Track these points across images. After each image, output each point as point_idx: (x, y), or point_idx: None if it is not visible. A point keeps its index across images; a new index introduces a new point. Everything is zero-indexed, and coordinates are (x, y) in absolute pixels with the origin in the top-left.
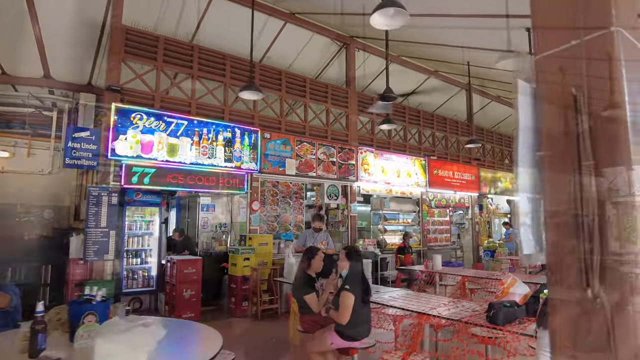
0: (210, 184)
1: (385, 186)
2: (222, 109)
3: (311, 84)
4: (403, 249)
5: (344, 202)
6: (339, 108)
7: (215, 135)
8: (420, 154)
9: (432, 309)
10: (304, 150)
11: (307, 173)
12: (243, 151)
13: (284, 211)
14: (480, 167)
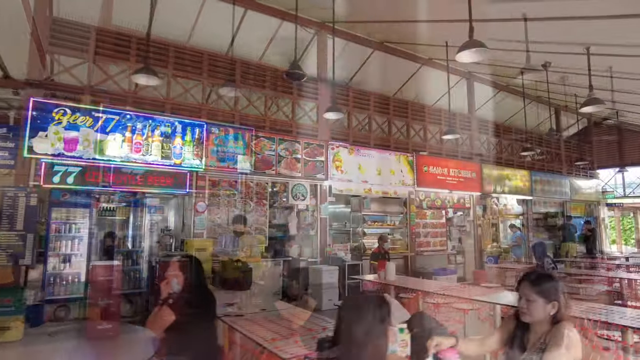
0: (144, 183)
1: (362, 185)
2: (163, 103)
3: (273, 74)
4: (377, 255)
5: (313, 203)
6: (308, 101)
7: (152, 130)
8: (408, 149)
9: None
10: (261, 146)
11: (265, 171)
12: (185, 147)
13: (243, 213)
14: (484, 164)
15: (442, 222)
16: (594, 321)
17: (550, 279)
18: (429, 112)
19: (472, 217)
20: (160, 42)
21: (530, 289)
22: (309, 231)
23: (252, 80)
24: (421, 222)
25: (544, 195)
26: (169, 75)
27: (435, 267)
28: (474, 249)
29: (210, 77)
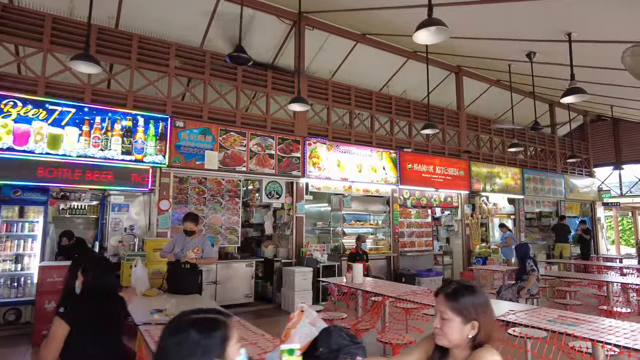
0: (101, 179)
1: (342, 183)
2: (125, 95)
3: (245, 67)
4: (354, 256)
5: (289, 201)
6: (285, 95)
7: (112, 124)
8: (391, 145)
9: None
10: (231, 141)
11: (235, 167)
12: (147, 142)
13: (213, 212)
14: (472, 161)
15: (428, 221)
16: (559, 333)
17: (471, 293)
18: (415, 108)
19: (460, 216)
20: (122, 32)
21: (445, 305)
22: (285, 230)
23: (222, 73)
24: (405, 222)
25: (537, 194)
26: (132, 67)
27: (420, 268)
28: (462, 250)
29: (178, 69)
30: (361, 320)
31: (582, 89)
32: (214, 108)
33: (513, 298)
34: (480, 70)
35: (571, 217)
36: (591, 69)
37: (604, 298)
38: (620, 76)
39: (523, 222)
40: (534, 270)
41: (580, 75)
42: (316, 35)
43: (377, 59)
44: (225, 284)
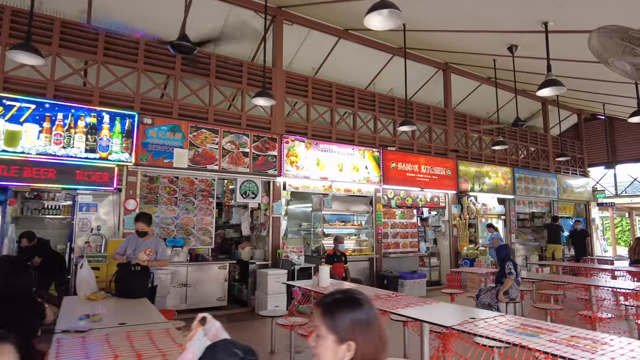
0: (63, 178)
1: (322, 182)
2: (90, 91)
3: (219, 62)
4: (332, 257)
5: (266, 201)
6: None
7: (75, 120)
8: (374, 144)
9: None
10: (202, 138)
11: (206, 166)
12: (113, 140)
13: (185, 212)
14: (460, 160)
15: (414, 222)
16: (513, 345)
17: (351, 307)
18: (400, 106)
19: (447, 217)
20: (89, 27)
21: (320, 319)
22: (262, 232)
23: (194, 69)
24: (389, 222)
25: (529, 194)
26: (99, 62)
27: (405, 270)
28: (450, 251)
29: (147, 65)
30: None
31: (558, 81)
32: (185, 104)
33: (492, 302)
34: (468, 67)
35: (564, 217)
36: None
37: (588, 302)
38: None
39: (514, 222)
40: (512, 273)
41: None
42: (296, 30)
43: (362, 56)
44: (196, 287)
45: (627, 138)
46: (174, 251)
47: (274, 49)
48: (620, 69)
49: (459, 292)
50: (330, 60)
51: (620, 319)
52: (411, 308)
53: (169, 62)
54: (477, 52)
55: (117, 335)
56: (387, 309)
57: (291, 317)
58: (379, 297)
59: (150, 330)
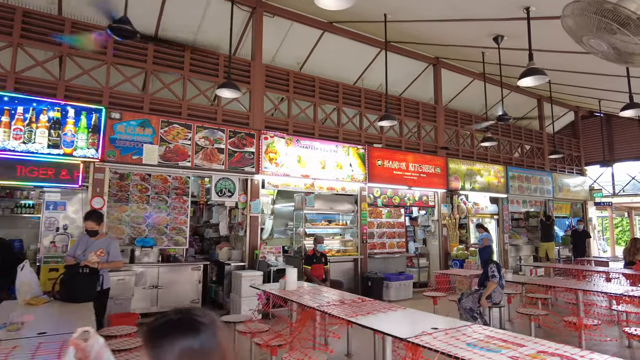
0: (23, 175)
1: (303, 180)
2: (54, 84)
3: (194, 55)
4: (311, 258)
5: (243, 199)
6: (240, 85)
7: (37, 115)
8: (360, 141)
9: None
10: (174, 134)
11: (178, 163)
12: (78, 135)
13: (158, 211)
14: (451, 158)
15: (401, 221)
16: None
17: (181, 331)
18: (388, 101)
19: (437, 216)
20: (54, 18)
21: (144, 344)
22: (239, 231)
23: (166, 62)
24: (375, 222)
25: (522, 193)
26: (65, 55)
27: (392, 272)
28: (439, 252)
29: (117, 57)
30: (279, 334)
31: (540, 70)
32: (157, 99)
33: (474, 307)
34: (459, 62)
35: (560, 217)
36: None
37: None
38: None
39: (507, 222)
40: (495, 276)
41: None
42: (278, 23)
43: (349, 51)
44: (168, 289)
45: (626, 136)
46: (143, 252)
47: (253, 42)
48: (597, 49)
49: (441, 295)
50: (315, 55)
51: (608, 325)
52: (372, 316)
53: (141, 55)
54: (464, 44)
55: (24, 348)
56: (345, 316)
57: (251, 323)
58: (343, 303)
59: (65, 341)
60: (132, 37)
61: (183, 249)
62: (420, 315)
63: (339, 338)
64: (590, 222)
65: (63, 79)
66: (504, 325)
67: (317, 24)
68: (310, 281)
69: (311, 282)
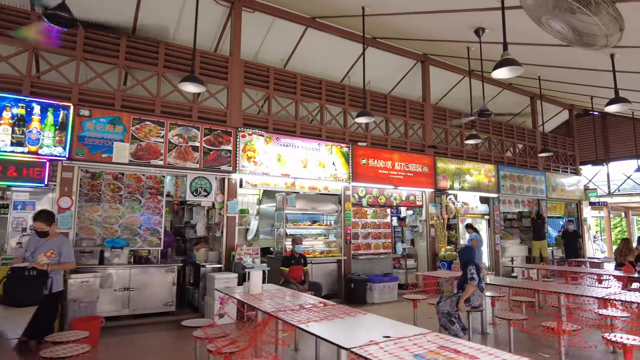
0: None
1: (283, 179)
2: (19, 80)
3: (169, 50)
4: (289, 259)
5: (220, 199)
6: (217, 81)
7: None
8: (344, 139)
9: None
10: (146, 131)
11: (150, 161)
12: (44, 132)
13: (131, 211)
14: (439, 157)
15: (387, 221)
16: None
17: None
18: (373, 99)
19: (424, 216)
20: (20, 11)
21: None
22: (216, 232)
23: (140, 57)
24: (360, 222)
25: (514, 193)
26: (30, 49)
27: (377, 273)
28: (427, 252)
29: (87, 53)
30: (233, 341)
31: (514, 61)
32: (129, 95)
33: (451, 311)
34: (447, 59)
35: (554, 217)
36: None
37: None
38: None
39: (498, 222)
40: (474, 279)
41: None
42: (259, 18)
43: (334, 47)
44: (141, 291)
45: (620, 134)
46: (114, 253)
47: (231, 37)
48: (557, 30)
49: (421, 298)
50: (300, 52)
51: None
52: (327, 322)
53: (113, 51)
54: (449, 39)
55: None
56: (297, 322)
57: (211, 328)
58: (302, 307)
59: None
60: (71, 25)
61: (158, 250)
62: (380, 322)
63: (288, 345)
64: (585, 223)
65: (29, 74)
66: (486, 329)
67: (300, 19)
68: (288, 283)
69: (289, 284)
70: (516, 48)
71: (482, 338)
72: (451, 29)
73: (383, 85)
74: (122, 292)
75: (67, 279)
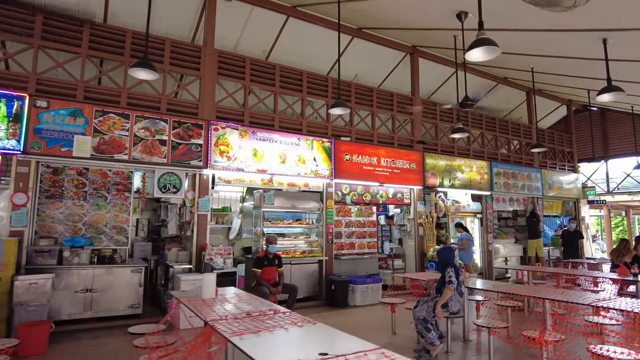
0: None
1: (259, 175)
2: None
3: (135, 38)
4: (261, 260)
5: (191, 196)
6: (189, 72)
7: None
8: (326, 134)
9: None
10: (110, 124)
11: (113, 155)
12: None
13: (96, 208)
14: (428, 153)
15: (373, 220)
16: None
17: None
18: (358, 92)
19: (412, 214)
20: None
21: None
22: (187, 231)
23: (105, 47)
24: (343, 220)
25: (509, 191)
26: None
27: (361, 274)
28: (415, 252)
29: (46, 41)
30: (176, 350)
31: (490, 40)
32: (93, 86)
33: (428, 317)
34: (437, 50)
35: (551, 216)
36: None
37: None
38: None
39: (491, 221)
40: (452, 282)
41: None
42: (237, 7)
43: (318, 38)
44: (104, 293)
45: (620, 130)
46: (74, 252)
47: (205, 26)
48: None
49: (399, 302)
50: (282, 43)
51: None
52: (266, 333)
53: (75, 39)
54: (434, 27)
55: None
56: (229, 335)
57: (155, 336)
58: (249, 315)
59: None
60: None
61: (125, 250)
62: (327, 334)
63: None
64: (583, 222)
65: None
66: (468, 336)
67: (280, 8)
68: (260, 286)
69: (261, 286)
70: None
71: (463, 346)
72: (436, 15)
73: (372, 79)
74: (84, 294)
75: (14, 281)
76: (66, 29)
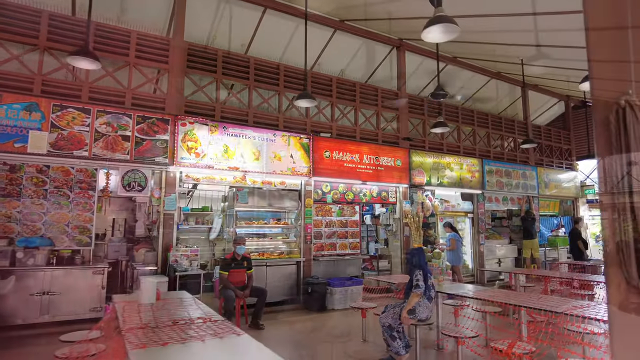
0: None
1: (231, 173)
2: None
3: (100, 32)
4: (229, 262)
5: (157, 194)
6: (155, 65)
7: None
8: (305, 130)
9: None
10: (69, 119)
11: (72, 152)
12: None
13: (57, 207)
14: (415, 150)
15: (355, 219)
16: None
17: None
18: (340, 87)
19: (398, 214)
20: None
21: None
22: (153, 231)
23: (64, 39)
24: (324, 220)
25: (502, 189)
26: None
27: (342, 276)
28: (401, 253)
29: (3, 32)
30: None
31: (448, 18)
32: (51, 80)
33: (393, 324)
34: (423, 44)
35: (547, 215)
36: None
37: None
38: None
39: (483, 221)
40: (419, 286)
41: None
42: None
43: (299, 32)
44: (64, 295)
45: None
46: (28, 253)
47: (175, 17)
48: None
49: (370, 307)
50: (261, 37)
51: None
52: (177, 346)
53: (32, 31)
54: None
55: None
56: (131, 347)
57: (86, 344)
58: (175, 323)
59: None
60: None
61: (90, 250)
62: (244, 349)
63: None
64: (581, 221)
65: None
66: (442, 345)
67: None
68: (226, 289)
69: (227, 290)
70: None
71: (436, 355)
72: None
73: (358, 74)
74: (41, 297)
75: None
76: (23, 20)
